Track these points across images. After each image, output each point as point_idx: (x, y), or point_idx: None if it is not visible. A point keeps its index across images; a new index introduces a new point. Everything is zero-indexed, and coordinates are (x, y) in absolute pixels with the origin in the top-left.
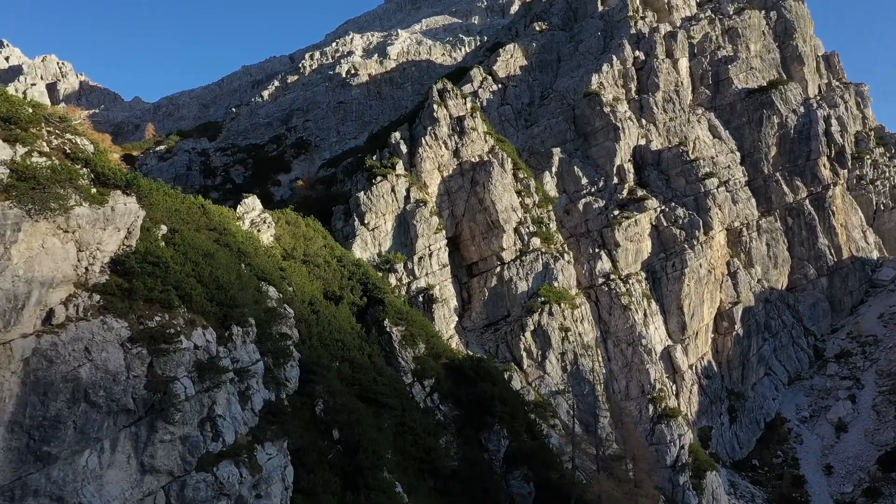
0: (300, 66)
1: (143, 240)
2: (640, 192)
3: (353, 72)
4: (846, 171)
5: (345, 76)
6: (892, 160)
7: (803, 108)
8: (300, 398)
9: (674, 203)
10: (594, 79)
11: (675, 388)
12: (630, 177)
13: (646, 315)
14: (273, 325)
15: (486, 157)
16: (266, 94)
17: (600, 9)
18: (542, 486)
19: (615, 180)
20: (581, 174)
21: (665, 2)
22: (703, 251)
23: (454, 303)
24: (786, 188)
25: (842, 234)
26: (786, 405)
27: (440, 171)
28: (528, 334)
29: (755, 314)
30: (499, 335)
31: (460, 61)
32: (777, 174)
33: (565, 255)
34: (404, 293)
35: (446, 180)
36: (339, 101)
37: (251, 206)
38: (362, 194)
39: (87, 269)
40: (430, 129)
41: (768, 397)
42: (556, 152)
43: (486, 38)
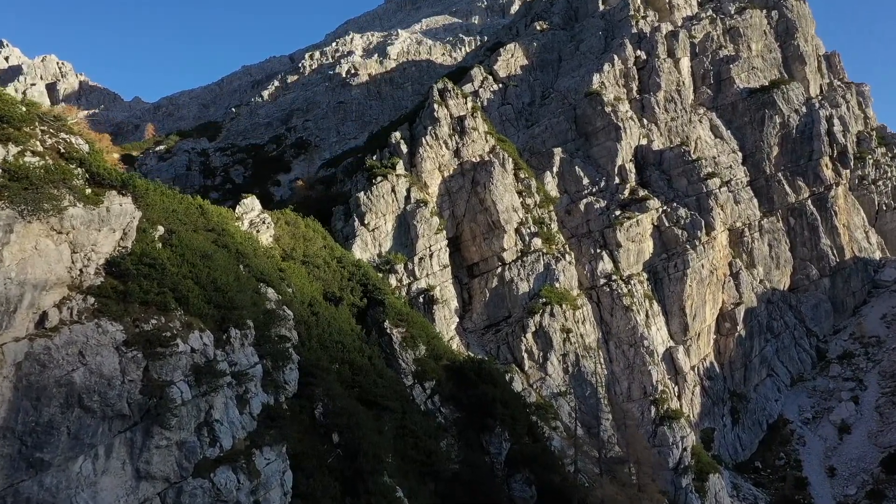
0: (300, 66)
1: (140, 241)
2: (641, 193)
3: (353, 72)
4: (848, 172)
5: (345, 76)
6: (894, 160)
7: (805, 108)
8: (299, 401)
9: (675, 203)
10: (595, 78)
11: (677, 389)
12: (632, 177)
13: (647, 316)
14: (272, 327)
15: (486, 157)
16: (266, 94)
17: (601, 8)
18: (544, 489)
19: (617, 180)
20: (582, 174)
21: (666, 1)
22: (705, 252)
23: (455, 304)
24: (788, 188)
25: (844, 235)
26: (788, 406)
27: (441, 171)
28: (529, 335)
29: (757, 315)
30: (500, 336)
31: (460, 61)
32: (779, 174)
33: (566, 255)
34: (405, 294)
35: (447, 180)
36: (339, 101)
37: (250, 206)
38: (362, 194)
39: (81, 271)
40: (430, 128)
41: (771, 399)
42: (558, 152)
43: (486, 38)
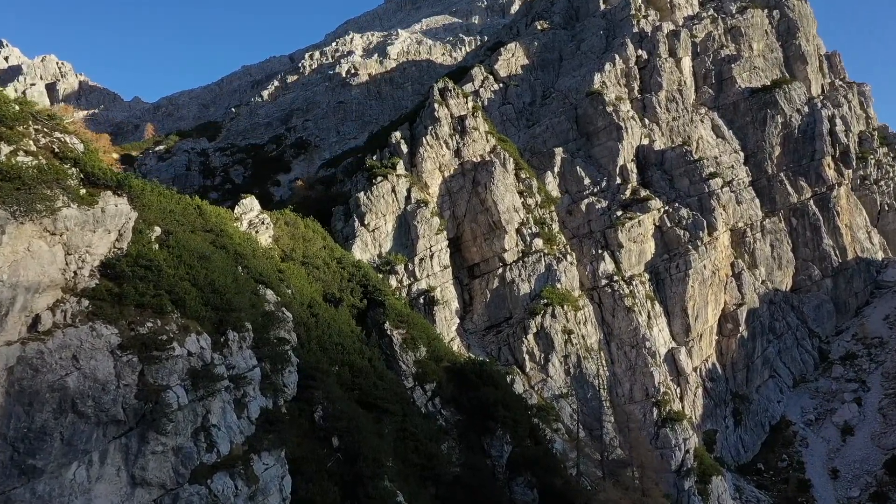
0: (300, 66)
1: (136, 242)
2: (643, 193)
3: (353, 72)
4: (851, 172)
5: (345, 76)
6: None
7: (807, 108)
8: (298, 405)
9: (677, 203)
10: (597, 78)
11: (679, 391)
12: (633, 177)
13: (649, 317)
14: (271, 329)
15: (487, 157)
16: (266, 94)
17: (602, 7)
18: (545, 492)
19: (618, 180)
20: (584, 174)
21: (667, 1)
22: (708, 252)
23: (455, 305)
24: (790, 188)
25: (846, 235)
26: (791, 408)
27: (441, 171)
28: (530, 337)
29: (759, 316)
30: (501, 338)
31: (460, 61)
32: (781, 174)
33: (568, 256)
34: (405, 295)
35: (447, 180)
36: (338, 101)
37: (249, 206)
38: (362, 195)
39: (75, 273)
40: (430, 128)
41: (773, 400)
42: (559, 152)
43: (486, 38)
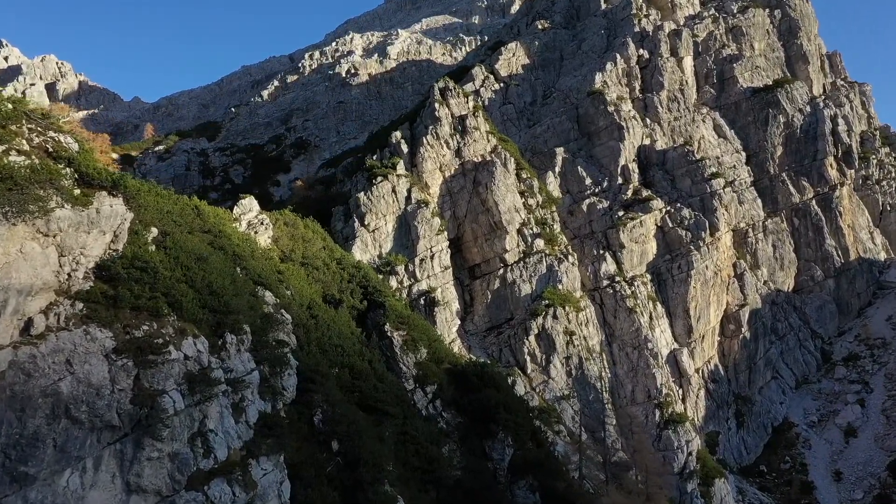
0: (300, 65)
1: (131, 243)
2: (644, 193)
3: (352, 71)
4: (853, 172)
5: (345, 76)
6: None
7: (810, 108)
8: (297, 408)
9: (679, 204)
10: (598, 77)
11: (681, 392)
12: (635, 177)
13: (651, 318)
14: (269, 331)
15: (488, 157)
16: (266, 94)
17: (603, 7)
18: (548, 496)
19: (619, 180)
20: (585, 174)
21: (668, 0)
22: (710, 252)
23: (456, 306)
24: (792, 188)
25: (849, 235)
26: (793, 409)
27: (442, 171)
28: (531, 338)
29: (762, 317)
30: (502, 339)
31: (461, 61)
32: (783, 174)
33: (569, 256)
34: (405, 296)
35: (448, 180)
36: (338, 101)
37: (248, 206)
38: (362, 195)
39: (69, 276)
40: (431, 128)
41: (775, 401)
42: (560, 152)
43: (486, 38)
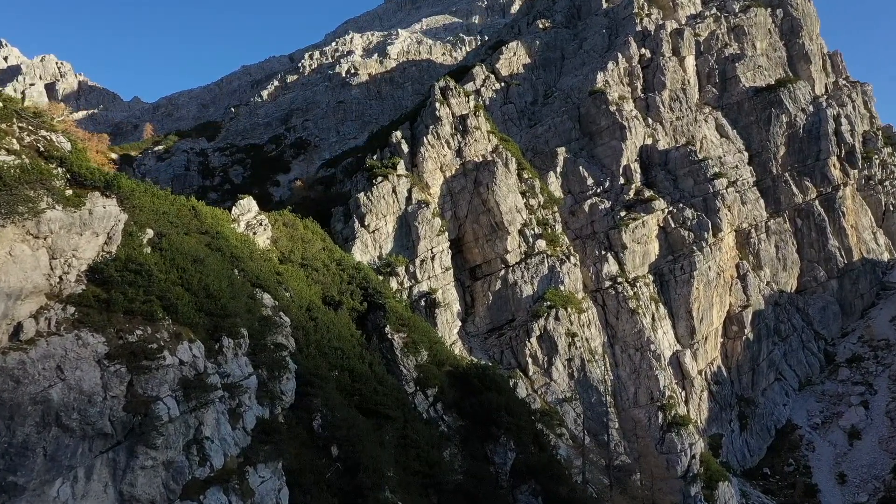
0: (300, 65)
1: (126, 245)
2: (647, 193)
3: (352, 71)
4: (856, 172)
5: (344, 76)
6: None
7: (812, 107)
8: (296, 413)
9: (682, 204)
10: (599, 77)
11: (684, 394)
12: (637, 177)
13: (654, 319)
14: (268, 334)
15: (489, 157)
16: (265, 93)
17: (604, 6)
18: (550, 501)
19: (621, 180)
20: (587, 174)
21: None
22: (712, 253)
23: (457, 307)
24: (795, 189)
25: (852, 236)
26: (797, 411)
27: (442, 171)
28: (533, 340)
29: (765, 318)
30: (503, 341)
31: (461, 61)
32: (786, 174)
33: (571, 257)
34: (405, 297)
35: (449, 181)
36: (338, 101)
37: (247, 207)
38: (362, 195)
39: (60, 279)
40: (432, 127)
41: (779, 403)
42: (561, 152)
43: (486, 38)
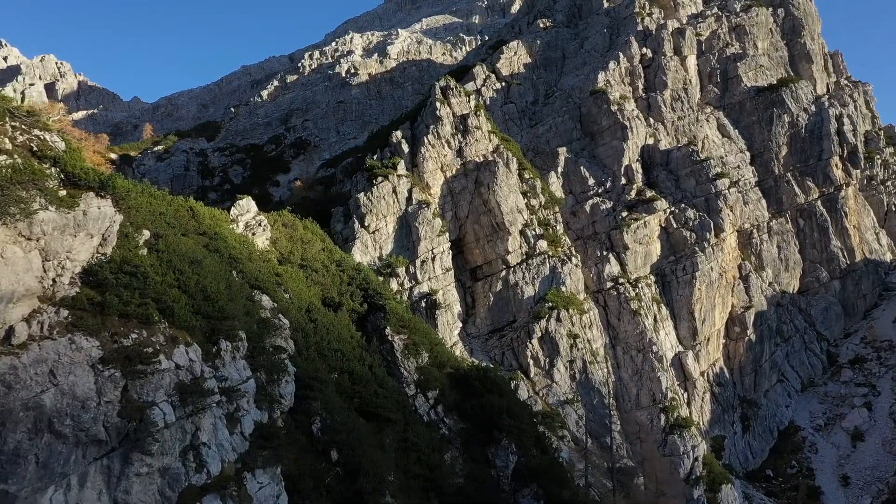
0: (300, 65)
1: (121, 247)
2: (648, 193)
3: (352, 71)
4: (859, 172)
5: (344, 76)
6: None
7: (814, 107)
8: (295, 417)
9: (683, 204)
10: (601, 76)
11: (686, 396)
12: (638, 177)
13: (656, 320)
14: (266, 337)
15: (490, 157)
16: (265, 93)
17: (605, 5)
18: None
19: (623, 181)
20: (588, 174)
21: None
22: (715, 254)
23: (458, 308)
24: (797, 189)
25: (854, 236)
26: (799, 413)
27: (443, 171)
28: (535, 341)
29: (767, 319)
30: (504, 342)
31: (461, 60)
32: (788, 174)
33: (573, 258)
34: (406, 298)
35: (449, 181)
36: (338, 101)
37: (246, 207)
38: (362, 195)
39: (54, 281)
40: (432, 127)
41: (781, 405)
42: (562, 152)
43: (486, 38)
